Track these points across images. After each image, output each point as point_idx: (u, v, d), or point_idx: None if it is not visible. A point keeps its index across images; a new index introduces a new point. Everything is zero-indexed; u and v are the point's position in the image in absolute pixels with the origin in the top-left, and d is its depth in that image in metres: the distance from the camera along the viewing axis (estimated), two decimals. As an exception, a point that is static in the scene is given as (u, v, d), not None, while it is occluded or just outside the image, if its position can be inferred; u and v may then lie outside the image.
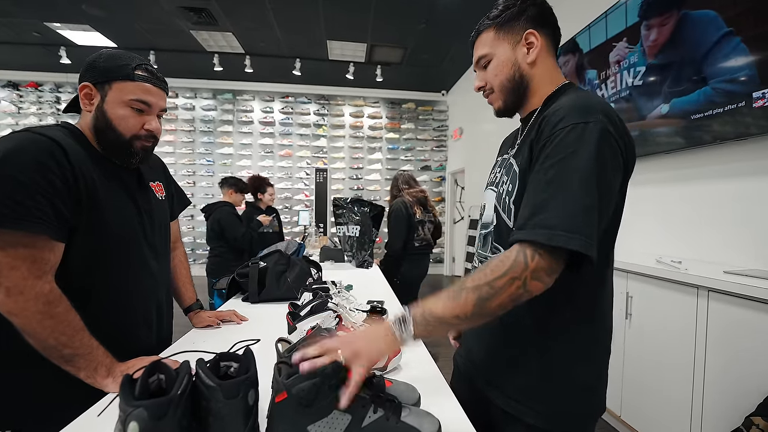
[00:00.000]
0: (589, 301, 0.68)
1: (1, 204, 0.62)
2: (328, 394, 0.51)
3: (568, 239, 0.54)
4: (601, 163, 0.57)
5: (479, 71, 0.77)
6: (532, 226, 0.56)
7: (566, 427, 0.68)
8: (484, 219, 0.78)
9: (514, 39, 0.71)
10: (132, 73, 0.77)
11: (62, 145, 0.69)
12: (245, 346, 0.57)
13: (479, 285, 0.56)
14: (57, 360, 0.67)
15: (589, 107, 0.60)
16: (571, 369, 0.68)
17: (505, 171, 0.73)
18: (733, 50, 1.59)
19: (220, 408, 0.48)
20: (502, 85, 0.73)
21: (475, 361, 0.79)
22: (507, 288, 0.55)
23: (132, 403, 0.45)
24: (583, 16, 2.60)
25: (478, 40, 0.75)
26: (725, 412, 1.30)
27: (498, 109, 0.77)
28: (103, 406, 0.63)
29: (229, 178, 2.96)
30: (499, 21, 0.72)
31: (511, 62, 0.72)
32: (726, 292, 1.33)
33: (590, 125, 0.58)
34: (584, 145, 0.57)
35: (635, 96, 2.15)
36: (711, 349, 1.39)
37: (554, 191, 0.57)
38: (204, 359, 0.53)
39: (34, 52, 4.94)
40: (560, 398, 0.67)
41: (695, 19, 1.78)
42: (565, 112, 0.60)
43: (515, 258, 0.56)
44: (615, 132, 0.59)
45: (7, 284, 0.63)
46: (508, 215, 0.69)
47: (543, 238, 0.55)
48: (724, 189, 1.73)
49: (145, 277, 0.85)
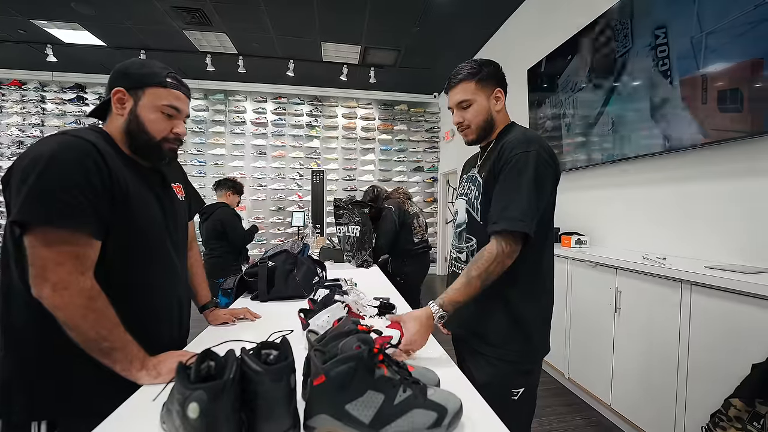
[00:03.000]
0: (534, 264, 0.97)
1: (48, 203, 0.66)
2: (363, 376, 0.56)
3: (523, 225, 0.87)
4: (538, 176, 0.90)
5: (458, 110, 1.03)
6: (502, 219, 0.88)
7: (519, 360, 0.96)
8: (458, 220, 1.08)
9: (488, 92, 1.00)
10: (164, 81, 0.82)
11: (98, 147, 0.73)
12: (281, 336, 0.62)
13: (481, 273, 0.88)
14: (95, 353, 0.70)
15: (530, 140, 0.92)
16: (523, 311, 0.96)
17: (473, 183, 1.04)
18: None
19: (266, 391, 0.53)
20: (479, 125, 1.02)
21: (463, 319, 1.03)
22: (496, 268, 0.88)
23: (190, 386, 0.50)
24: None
25: (458, 87, 1.01)
26: (707, 396, 1.40)
27: (470, 141, 1.05)
28: (143, 397, 0.67)
29: (226, 180, 2.98)
30: (479, 77, 0.99)
31: (486, 109, 1.01)
32: (707, 286, 1.43)
33: (531, 153, 0.90)
34: (528, 166, 0.89)
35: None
36: (693, 338, 1.49)
37: (512, 196, 0.89)
38: (246, 348, 0.58)
39: (18, 50, 4.82)
40: (517, 334, 0.95)
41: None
42: (515, 144, 0.93)
43: (497, 249, 0.88)
44: (547, 155, 0.92)
45: (54, 279, 0.66)
46: (476, 213, 1.01)
47: (510, 226, 0.87)
48: (706, 189, 1.84)
49: (169, 274, 0.89)
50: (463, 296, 0.87)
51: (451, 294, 0.88)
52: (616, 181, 2.41)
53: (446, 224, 6.37)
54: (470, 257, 1.01)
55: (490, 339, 0.97)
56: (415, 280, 2.69)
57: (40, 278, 0.67)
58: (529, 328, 0.96)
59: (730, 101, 1.62)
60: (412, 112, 6.54)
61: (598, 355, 2.04)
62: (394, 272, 2.56)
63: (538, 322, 0.99)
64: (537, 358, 1.01)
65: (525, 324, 0.96)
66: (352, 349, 0.57)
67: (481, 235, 0.97)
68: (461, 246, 1.05)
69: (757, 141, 1.58)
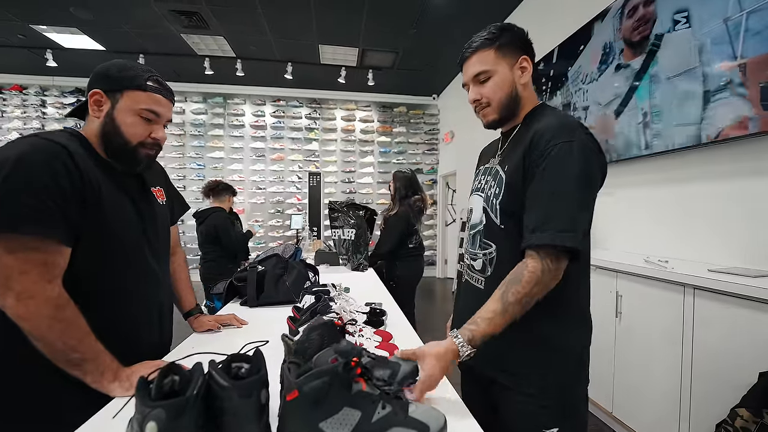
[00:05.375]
0: (573, 284, 0.78)
1: (12, 208, 0.63)
2: (339, 391, 0.52)
3: (572, 238, 0.68)
4: (587, 173, 0.72)
5: (475, 85, 0.83)
6: (544, 229, 0.69)
7: (561, 398, 0.77)
8: (473, 221, 0.88)
9: (511, 61, 0.81)
10: (144, 84, 0.79)
11: (69, 149, 0.70)
12: (255, 347, 0.59)
13: (520, 298, 0.69)
14: (64, 364, 0.67)
15: (571, 127, 0.74)
16: (562, 341, 0.78)
17: (492, 177, 0.84)
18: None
19: (234, 407, 0.49)
20: (501, 101, 0.82)
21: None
22: (540, 292, 0.69)
23: (149, 403, 0.46)
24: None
25: (475, 57, 0.82)
26: (712, 405, 1.35)
27: (491, 122, 0.85)
28: (115, 409, 0.64)
29: (228, 186, 2.94)
30: (499, 43, 0.80)
31: (509, 82, 0.81)
32: (710, 290, 1.39)
33: (575, 143, 0.71)
34: (573, 161, 0.71)
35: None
36: (697, 344, 1.44)
37: (556, 200, 0.70)
38: (215, 360, 0.54)
39: (18, 55, 4.84)
40: (553, 368, 0.77)
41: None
42: (553, 132, 0.73)
43: (540, 268, 0.69)
44: (594, 145, 0.74)
45: (18, 288, 0.63)
46: (495, 215, 0.81)
47: (555, 240, 0.68)
48: (709, 190, 1.80)
49: (147, 280, 0.86)
50: (497, 328, 0.69)
51: (483, 326, 0.69)
52: (616, 182, 2.37)
53: (446, 226, 6.33)
54: (488, 267, 0.82)
55: (515, 372, 0.79)
56: (407, 284, 2.64)
57: (3, 287, 0.63)
58: (563, 359, 0.78)
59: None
60: (411, 114, 6.52)
61: (599, 360, 1.98)
62: (388, 276, 2.52)
63: (576, 352, 0.81)
64: (575, 394, 0.81)
65: (561, 354, 0.78)
66: (328, 362, 0.54)
67: (502, 240, 0.80)
68: (476, 252, 0.86)
69: (761, 139, 1.54)
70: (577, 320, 0.82)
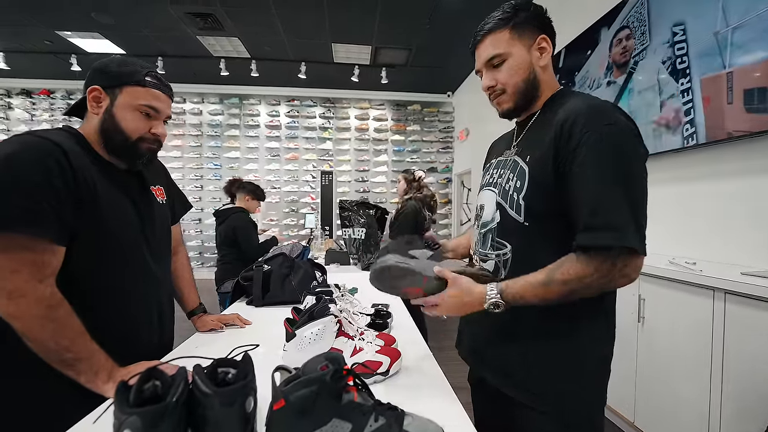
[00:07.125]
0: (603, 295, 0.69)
1: (3, 207, 0.62)
2: (327, 401, 0.49)
3: (634, 237, 0.60)
4: (634, 160, 0.63)
5: (488, 71, 0.76)
6: (600, 228, 0.61)
7: (583, 417, 0.72)
8: (484, 218, 0.80)
9: (528, 42, 0.73)
10: (143, 80, 0.79)
11: (63, 147, 0.69)
12: (244, 351, 0.56)
13: (569, 280, 0.62)
14: (57, 364, 0.66)
15: (606, 110, 0.65)
16: (587, 355, 0.72)
17: (511, 170, 0.75)
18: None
19: (216, 416, 0.47)
20: (517, 86, 0.74)
21: (483, 358, 0.81)
22: (587, 291, 0.62)
23: (126, 410, 0.44)
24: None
25: (487, 39, 0.75)
26: (744, 420, 1.25)
27: (507, 110, 0.77)
28: (99, 413, 0.62)
29: (246, 184, 2.77)
30: (514, 22, 0.72)
31: (527, 65, 0.73)
32: (744, 294, 1.28)
33: (614, 127, 0.63)
34: (618, 147, 0.62)
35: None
36: (729, 353, 1.34)
37: (605, 193, 0.61)
38: (201, 365, 0.51)
39: (45, 60, 5.05)
40: (573, 385, 0.70)
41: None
42: (587, 117, 0.64)
43: (590, 271, 0.61)
44: (636, 129, 0.65)
45: (9, 288, 0.63)
46: (517, 211, 0.72)
47: (615, 240, 0.60)
48: (739, 187, 1.67)
49: (146, 280, 0.85)
50: (533, 295, 0.64)
51: (521, 285, 0.65)
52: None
53: (461, 226, 6.23)
54: (502, 269, 0.74)
55: (530, 385, 0.72)
56: None
57: None
58: (587, 376, 0.72)
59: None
60: (426, 112, 6.44)
61: (620, 368, 1.87)
62: None
63: (600, 369, 0.75)
64: (597, 410, 0.75)
65: (584, 371, 0.72)
66: (317, 370, 0.50)
67: (520, 239, 0.72)
68: (487, 252, 0.77)
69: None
70: (602, 332, 0.76)
